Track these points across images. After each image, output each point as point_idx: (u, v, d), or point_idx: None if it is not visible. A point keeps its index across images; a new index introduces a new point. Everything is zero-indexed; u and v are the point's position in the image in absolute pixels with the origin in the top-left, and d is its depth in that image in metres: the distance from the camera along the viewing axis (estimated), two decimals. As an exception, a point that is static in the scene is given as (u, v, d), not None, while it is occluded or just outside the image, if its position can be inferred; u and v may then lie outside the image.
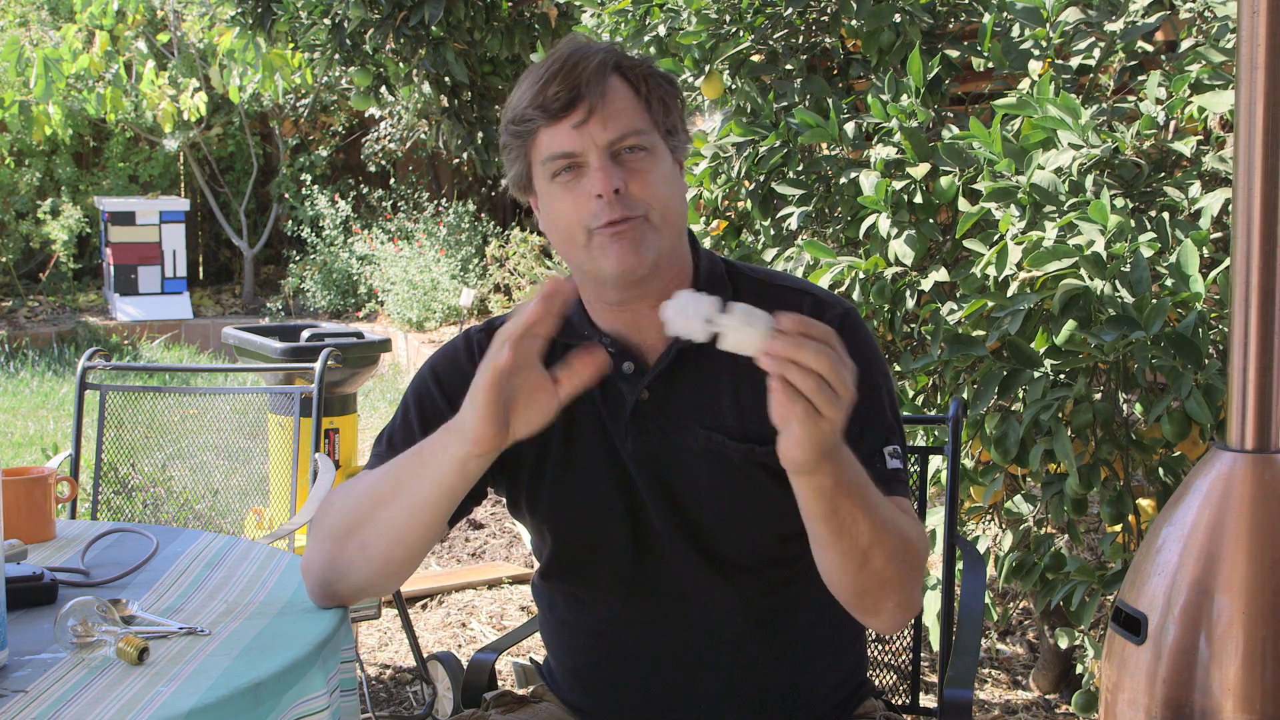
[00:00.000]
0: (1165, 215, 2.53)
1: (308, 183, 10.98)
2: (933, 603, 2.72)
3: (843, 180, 2.95)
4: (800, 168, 3.08)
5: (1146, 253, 2.44)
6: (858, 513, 1.46)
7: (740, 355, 1.36)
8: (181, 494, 3.28)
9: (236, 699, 1.39)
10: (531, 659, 2.51)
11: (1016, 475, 3.00)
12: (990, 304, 2.61)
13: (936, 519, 2.65)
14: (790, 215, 3.09)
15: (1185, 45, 2.86)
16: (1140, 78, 2.85)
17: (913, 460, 2.20)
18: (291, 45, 5.73)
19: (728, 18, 3.26)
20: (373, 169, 10.90)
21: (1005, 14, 2.95)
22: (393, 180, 11.04)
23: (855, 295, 2.87)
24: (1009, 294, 2.59)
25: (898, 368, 2.94)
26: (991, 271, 2.61)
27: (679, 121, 1.68)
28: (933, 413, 3.01)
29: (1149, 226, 2.52)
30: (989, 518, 3.14)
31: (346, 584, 1.63)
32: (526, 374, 1.45)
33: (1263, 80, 1.60)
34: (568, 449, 1.71)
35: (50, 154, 10.94)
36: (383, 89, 5.46)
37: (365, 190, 10.96)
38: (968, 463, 2.95)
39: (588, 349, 1.46)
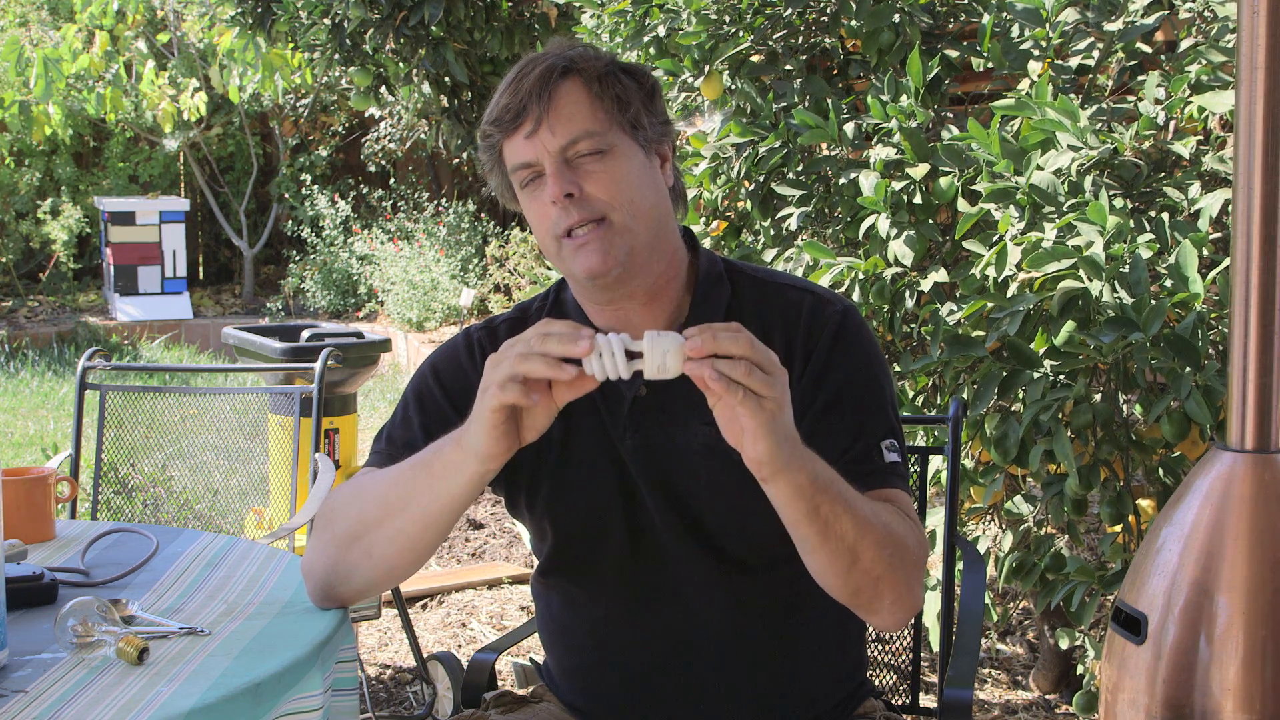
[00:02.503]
0: (1164, 216, 2.53)
1: (308, 183, 10.97)
2: (933, 603, 2.72)
3: (842, 181, 2.95)
4: (800, 168, 3.08)
5: (1145, 254, 2.44)
6: (838, 508, 1.47)
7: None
8: (181, 494, 3.28)
9: (236, 699, 1.39)
10: (531, 659, 2.51)
11: (1016, 476, 3.00)
12: (990, 305, 2.61)
13: (936, 519, 2.65)
14: (790, 215, 3.09)
15: (1185, 45, 2.85)
16: (1140, 78, 2.85)
17: (913, 460, 2.20)
18: (291, 45, 5.73)
19: (727, 18, 3.26)
20: (373, 169, 10.89)
21: (1005, 14, 2.95)
22: (393, 180, 11.03)
23: (855, 296, 2.87)
24: (1008, 295, 2.59)
25: (898, 368, 2.93)
26: (991, 272, 2.61)
27: (643, 114, 1.65)
28: (933, 413, 3.01)
29: (1148, 227, 2.51)
30: (989, 518, 3.14)
31: (348, 587, 1.64)
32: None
33: (1263, 80, 1.59)
34: (566, 446, 1.71)
35: (50, 154, 10.93)
36: (383, 89, 5.46)
37: (365, 190, 10.95)
38: (968, 463, 2.95)
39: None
